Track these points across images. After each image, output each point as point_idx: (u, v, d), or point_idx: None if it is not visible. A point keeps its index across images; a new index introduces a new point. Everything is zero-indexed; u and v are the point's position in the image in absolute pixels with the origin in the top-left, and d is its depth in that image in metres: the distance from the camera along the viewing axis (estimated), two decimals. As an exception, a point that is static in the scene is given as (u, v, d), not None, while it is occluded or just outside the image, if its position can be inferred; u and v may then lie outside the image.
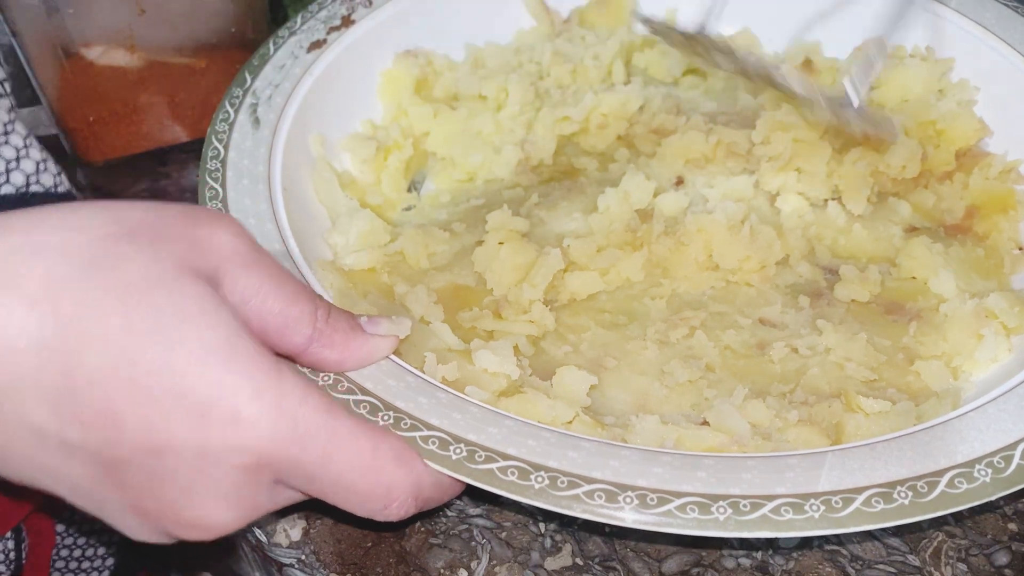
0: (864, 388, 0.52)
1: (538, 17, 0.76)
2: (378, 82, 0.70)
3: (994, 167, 0.62)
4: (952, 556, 0.48)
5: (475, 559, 0.48)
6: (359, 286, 0.56)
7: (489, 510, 0.50)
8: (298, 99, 0.63)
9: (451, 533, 0.49)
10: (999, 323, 0.53)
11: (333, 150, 0.65)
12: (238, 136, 0.60)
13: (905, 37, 0.69)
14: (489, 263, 0.57)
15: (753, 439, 0.48)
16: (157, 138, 0.71)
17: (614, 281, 0.58)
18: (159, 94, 0.68)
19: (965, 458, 0.43)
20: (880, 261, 0.60)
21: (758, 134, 0.63)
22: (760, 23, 0.74)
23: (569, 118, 0.67)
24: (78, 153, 0.70)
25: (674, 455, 0.44)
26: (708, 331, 0.56)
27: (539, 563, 0.48)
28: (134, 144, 0.70)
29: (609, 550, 0.49)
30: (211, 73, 0.69)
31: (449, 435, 0.44)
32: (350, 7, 0.69)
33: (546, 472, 0.43)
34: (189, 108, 0.70)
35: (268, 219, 0.55)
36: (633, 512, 0.41)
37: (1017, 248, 0.60)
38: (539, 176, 0.66)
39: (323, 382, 0.46)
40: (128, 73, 0.67)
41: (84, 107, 0.67)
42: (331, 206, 0.62)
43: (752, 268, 0.59)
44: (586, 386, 0.51)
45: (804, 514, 0.41)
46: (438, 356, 0.51)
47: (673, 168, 0.64)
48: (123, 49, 0.66)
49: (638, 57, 0.75)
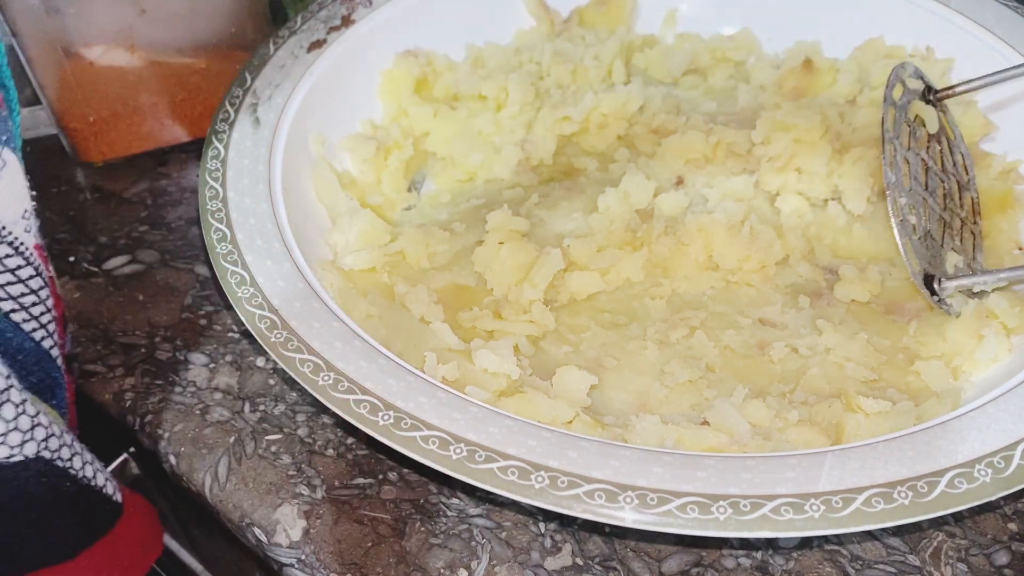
0: (864, 388, 0.52)
1: (538, 17, 0.76)
2: (378, 82, 0.70)
3: (994, 167, 0.62)
4: (952, 556, 0.48)
5: (475, 559, 0.48)
6: (359, 286, 0.57)
7: (489, 510, 0.50)
8: (298, 99, 0.63)
9: (451, 533, 0.49)
10: (999, 323, 0.53)
11: (333, 150, 0.65)
12: (238, 136, 0.60)
13: (905, 37, 0.70)
14: (489, 263, 0.57)
15: (753, 439, 0.48)
16: (157, 138, 0.71)
17: (614, 281, 0.58)
18: (159, 94, 0.68)
19: (965, 458, 0.43)
20: (880, 261, 0.60)
21: (758, 134, 0.63)
22: (760, 23, 0.74)
23: (569, 118, 0.67)
24: (78, 153, 0.70)
25: (674, 455, 0.44)
26: (708, 331, 0.56)
27: (539, 563, 0.48)
28: (134, 144, 0.70)
29: (609, 550, 0.49)
30: (211, 73, 0.69)
31: (449, 435, 0.44)
32: (350, 7, 0.69)
33: (546, 472, 0.43)
34: (189, 108, 0.70)
35: (268, 219, 0.55)
36: (633, 512, 0.41)
37: (1017, 248, 0.60)
38: (539, 176, 0.66)
39: (323, 382, 0.46)
40: (128, 73, 0.67)
41: (84, 107, 0.67)
42: (331, 206, 0.62)
43: (752, 268, 0.59)
44: (586, 386, 0.51)
45: (804, 514, 0.41)
46: (438, 356, 0.51)
47: (673, 168, 0.64)
48: (123, 49, 0.66)
49: (638, 57, 0.75)
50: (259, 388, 0.56)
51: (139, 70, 0.67)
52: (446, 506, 0.50)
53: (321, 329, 0.49)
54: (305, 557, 0.48)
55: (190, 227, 0.67)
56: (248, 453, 0.53)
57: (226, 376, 0.57)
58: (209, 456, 0.53)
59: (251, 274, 0.51)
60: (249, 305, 0.50)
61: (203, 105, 0.71)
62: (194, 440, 0.54)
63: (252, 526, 0.50)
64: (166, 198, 0.69)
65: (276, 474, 0.52)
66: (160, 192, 0.69)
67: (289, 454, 0.53)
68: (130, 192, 0.69)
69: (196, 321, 0.60)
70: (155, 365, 0.58)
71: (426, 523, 0.50)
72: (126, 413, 0.55)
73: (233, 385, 0.56)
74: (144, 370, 0.57)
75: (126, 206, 0.68)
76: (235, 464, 0.52)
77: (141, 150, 0.71)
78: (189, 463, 0.53)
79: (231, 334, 0.59)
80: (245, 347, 0.59)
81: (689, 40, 0.75)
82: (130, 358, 0.58)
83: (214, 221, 0.54)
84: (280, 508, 0.50)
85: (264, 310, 0.50)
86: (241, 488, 0.51)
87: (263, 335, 0.49)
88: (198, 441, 0.53)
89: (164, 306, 0.61)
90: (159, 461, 0.55)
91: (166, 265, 0.64)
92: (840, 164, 0.62)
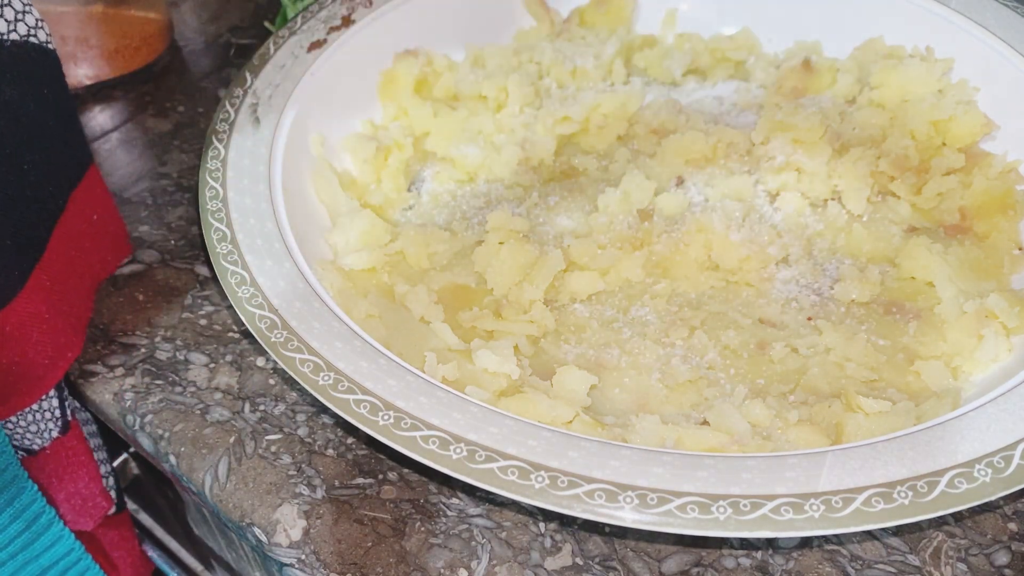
0: (864, 388, 0.52)
1: (538, 17, 0.76)
2: (378, 82, 0.70)
3: (994, 167, 0.62)
4: (952, 556, 0.48)
5: (475, 559, 0.48)
6: (359, 286, 0.57)
7: (489, 510, 0.50)
8: (298, 99, 0.63)
9: (451, 533, 0.49)
10: (999, 323, 0.53)
11: (333, 150, 0.65)
12: (238, 136, 0.60)
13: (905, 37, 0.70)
14: (489, 263, 0.57)
15: (753, 439, 0.48)
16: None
17: (614, 281, 0.58)
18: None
19: (965, 458, 0.43)
20: (880, 261, 0.60)
21: (758, 134, 0.63)
22: (760, 23, 0.74)
23: (569, 118, 0.67)
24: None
25: (674, 455, 0.44)
26: (708, 331, 0.56)
27: (539, 563, 0.48)
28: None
29: (609, 550, 0.49)
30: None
31: (449, 435, 0.44)
32: (350, 7, 0.69)
33: (546, 472, 0.43)
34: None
35: (268, 219, 0.55)
36: (633, 512, 0.41)
37: (1017, 248, 0.60)
38: (539, 176, 0.66)
39: (323, 381, 0.46)
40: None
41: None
42: (331, 206, 0.62)
43: (752, 268, 0.59)
44: (586, 386, 0.51)
45: (804, 514, 0.41)
46: (438, 356, 0.51)
47: (673, 168, 0.64)
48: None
49: (638, 57, 0.75)
50: (259, 388, 0.56)
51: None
52: (446, 506, 0.50)
53: (321, 329, 0.49)
54: (305, 557, 0.48)
55: (190, 227, 0.67)
56: (248, 453, 0.53)
57: (226, 376, 0.57)
58: (209, 456, 0.53)
59: (251, 274, 0.51)
60: (249, 305, 0.50)
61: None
62: (194, 440, 0.53)
63: (252, 526, 0.50)
64: (166, 198, 0.69)
65: (276, 474, 0.52)
66: (160, 192, 0.69)
67: (289, 454, 0.53)
68: (130, 192, 0.69)
69: (196, 321, 0.60)
70: (155, 365, 0.58)
71: (426, 523, 0.50)
72: (126, 413, 0.55)
73: (233, 385, 0.56)
74: (144, 370, 0.57)
75: (126, 206, 0.68)
76: (235, 464, 0.52)
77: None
78: (189, 463, 0.53)
79: (231, 334, 0.59)
80: (245, 347, 0.59)
81: (689, 40, 0.75)
82: (130, 358, 0.58)
83: (214, 221, 0.54)
84: (280, 508, 0.50)
85: (264, 310, 0.50)
86: (241, 488, 0.51)
87: (263, 335, 0.49)
88: (198, 441, 0.53)
89: (164, 306, 0.61)
90: (159, 461, 0.55)
91: (166, 265, 0.64)
92: (840, 164, 0.62)
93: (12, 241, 0.51)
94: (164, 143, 0.74)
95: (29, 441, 0.54)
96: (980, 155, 0.63)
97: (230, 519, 0.51)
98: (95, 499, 0.59)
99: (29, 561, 0.52)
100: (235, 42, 0.84)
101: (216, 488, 0.52)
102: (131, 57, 0.78)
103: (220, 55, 0.83)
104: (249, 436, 0.54)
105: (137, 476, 0.73)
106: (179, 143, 0.74)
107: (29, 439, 0.54)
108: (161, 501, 0.76)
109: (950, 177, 0.62)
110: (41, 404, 0.54)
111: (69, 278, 0.57)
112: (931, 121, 0.64)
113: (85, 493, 0.58)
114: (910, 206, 0.62)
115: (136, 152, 0.73)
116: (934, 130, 0.64)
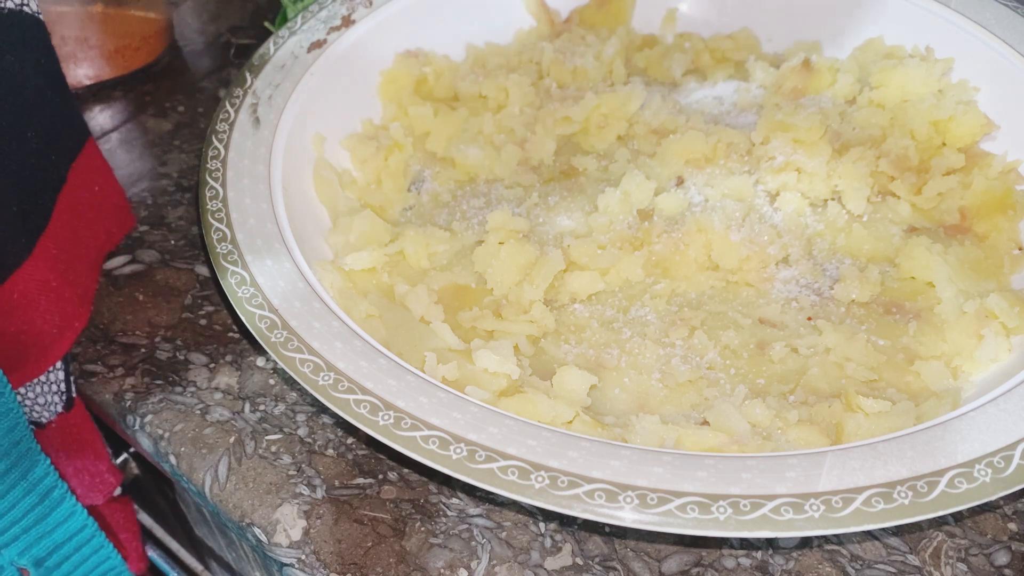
0: (864, 388, 0.52)
1: (538, 17, 0.76)
2: (378, 82, 0.70)
3: (994, 167, 0.62)
4: (952, 556, 0.48)
5: (475, 559, 0.48)
6: (359, 286, 0.57)
7: (489, 510, 0.50)
8: (298, 99, 0.63)
9: (451, 533, 0.49)
10: (999, 323, 0.53)
11: (333, 150, 0.65)
12: (238, 136, 0.60)
13: (905, 37, 0.70)
14: (489, 263, 0.57)
15: (753, 439, 0.48)
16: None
17: (614, 281, 0.58)
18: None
19: (965, 458, 0.43)
20: (880, 261, 0.60)
21: (758, 134, 0.63)
22: (760, 23, 0.74)
23: (569, 118, 0.67)
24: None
25: (674, 455, 0.44)
26: (708, 331, 0.56)
27: (539, 563, 0.48)
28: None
29: (609, 550, 0.49)
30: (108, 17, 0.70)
31: (449, 434, 0.44)
32: (350, 7, 0.69)
33: (546, 472, 0.43)
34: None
35: (268, 219, 0.55)
36: (633, 512, 0.41)
37: (1017, 248, 0.60)
38: (539, 176, 0.66)
39: (323, 381, 0.46)
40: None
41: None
42: (331, 206, 0.62)
43: (752, 268, 0.59)
44: (586, 386, 0.51)
45: (804, 514, 0.41)
46: (438, 356, 0.51)
47: (673, 168, 0.64)
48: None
49: (638, 57, 0.75)
50: (259, 388, 0.56)
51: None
52: (446, 506, 0.50)
53: (321, 329, 0.49)
54: (305, 557, 0.48)
55: (190, 227, 0.67)
56: (248, 453, 0.53)
57: (226, 376, 0.57)
58: (209, 456, 0.53)
59: (251, 274, 0.51)
60: (249, 305, 0.50)
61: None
62: (194, 440, 0.53)
63: (252, 526, 0.50)
64: (166, 198, 0.69)
65: (276, 474, 0.52)
66: (160, 192, 0.69)
67: (289, 454, 0.53)
68: (130, 192, 0.69)
69: (196, 321, 0.60)
70: (155, 365, 0.58)
71: (426, 523, 0.50)
72: (126, 413, 0.55)
73: (233, 385, 0.56)
74: (144, 370, 0.57)
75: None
76: (235, 464, 0.52)
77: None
78: (189, 463, 0.53)
79: (231, 334, 0.59)
80: (245, 347, 0.59)
81: (689, 40, 0.75)
82: (130, 358, 0.58)
83: (214, 221, 0.54)
84: (280, 508, 0.50)
85: (264, 310, 0.50)
86: (241, 488, 0.51)
87: (263, 335, 0.49)
88: (198, 441, 0.53)
89: (164, 306, 0.61)
90: (159, 461, 0.55)
91: (166, 265, 0.64)
92: (840, 164, 0.62)
93: (18, 208, 0.51)
94: (164, 143, 0.74)
95: (37, 414, 0.54)
96: (980, 155, 0.63)
97: (230, 519, 0.51)
98: (103, 475, 0.59)
99: (43, 536, 0.52)
100: (235, 42, 0.84)
101: (216, 488, 0.52)
102: (131, 57, 0.78)
103: (220, 55, 0.83)
104: (249, 436, 0.54)
105: (137, 476, 0.73)
106: (179, 143, 0.74)
107: (37, 411, 0.54)
108: (161, 501, 0.76)
109: (950, 177, 0.62)
110: (48, 376, 0.54)
111: (75, 248, 0.57)
112: (931, 121, 0.64)
113: (92, 470, 0.58)
114: (910, 206, 0.62)
115: (136, 152, 0.73)
116: (934, 130, 0.64)
